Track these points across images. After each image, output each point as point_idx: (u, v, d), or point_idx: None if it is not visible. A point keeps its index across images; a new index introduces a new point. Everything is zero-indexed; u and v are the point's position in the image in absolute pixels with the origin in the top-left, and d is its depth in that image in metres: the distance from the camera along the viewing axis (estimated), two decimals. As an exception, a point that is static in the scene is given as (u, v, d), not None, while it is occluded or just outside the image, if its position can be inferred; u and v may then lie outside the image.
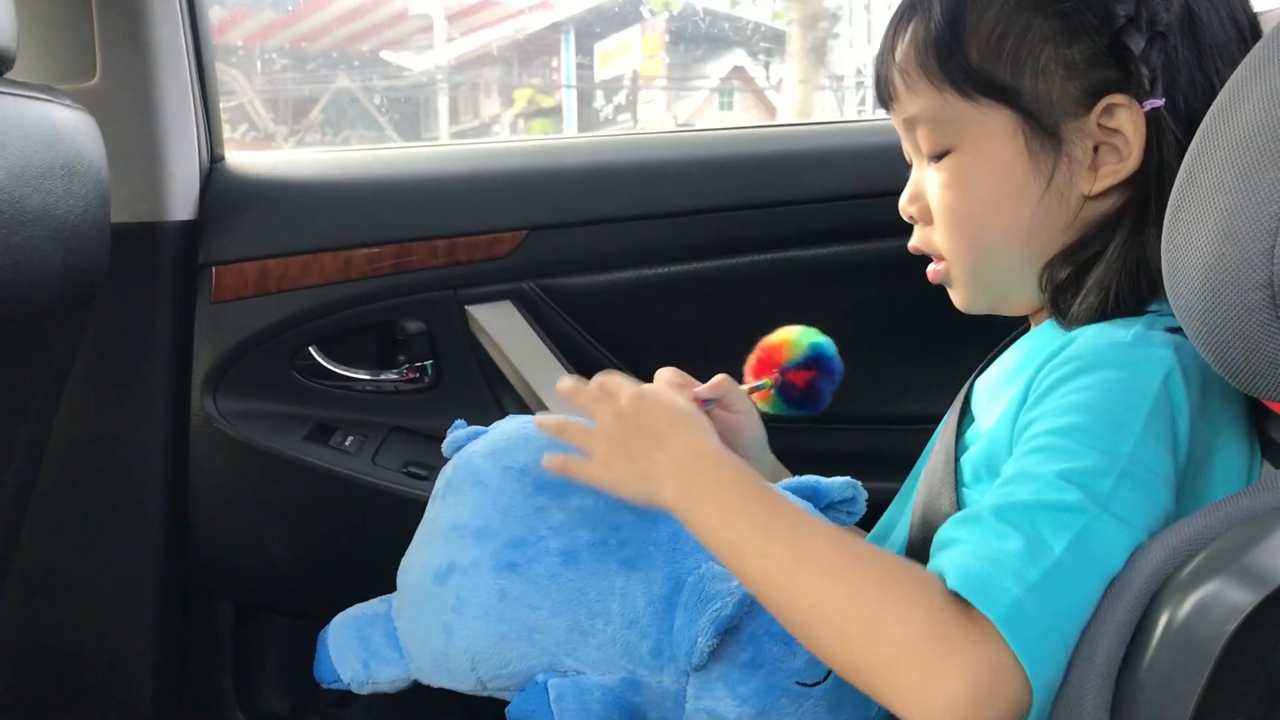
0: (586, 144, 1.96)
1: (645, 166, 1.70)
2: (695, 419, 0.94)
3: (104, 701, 1.65)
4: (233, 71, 3.06)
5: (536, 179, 1.68)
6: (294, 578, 1.68)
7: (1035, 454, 0.79)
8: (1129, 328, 0.85)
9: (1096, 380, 0.80)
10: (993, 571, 0.72)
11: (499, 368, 1.66)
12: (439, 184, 1.68)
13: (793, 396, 1.14)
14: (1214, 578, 0.65)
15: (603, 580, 0.94)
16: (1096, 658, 0.70)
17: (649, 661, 0.93)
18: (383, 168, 1.74)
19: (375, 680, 1.01)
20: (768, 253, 1.64)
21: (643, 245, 1.65)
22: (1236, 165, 0.68)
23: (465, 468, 1.02)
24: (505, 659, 0.96)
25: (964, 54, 0.90)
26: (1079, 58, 0.88)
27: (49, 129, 1.18)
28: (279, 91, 3.25)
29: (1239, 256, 0.67)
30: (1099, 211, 0.90)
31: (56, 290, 1.21)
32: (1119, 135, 0.88)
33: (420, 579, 0.99)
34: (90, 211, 1.25)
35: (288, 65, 3.25)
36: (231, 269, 1.62)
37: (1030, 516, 0.74)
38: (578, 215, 1.65)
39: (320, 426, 1.64)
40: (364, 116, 3.07)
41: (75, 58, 1.52)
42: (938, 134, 0.93)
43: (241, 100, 3.12)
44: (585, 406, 0.97)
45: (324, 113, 3.09)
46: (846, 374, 1.08)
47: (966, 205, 0.93)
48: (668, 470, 0.89)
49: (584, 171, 1.69)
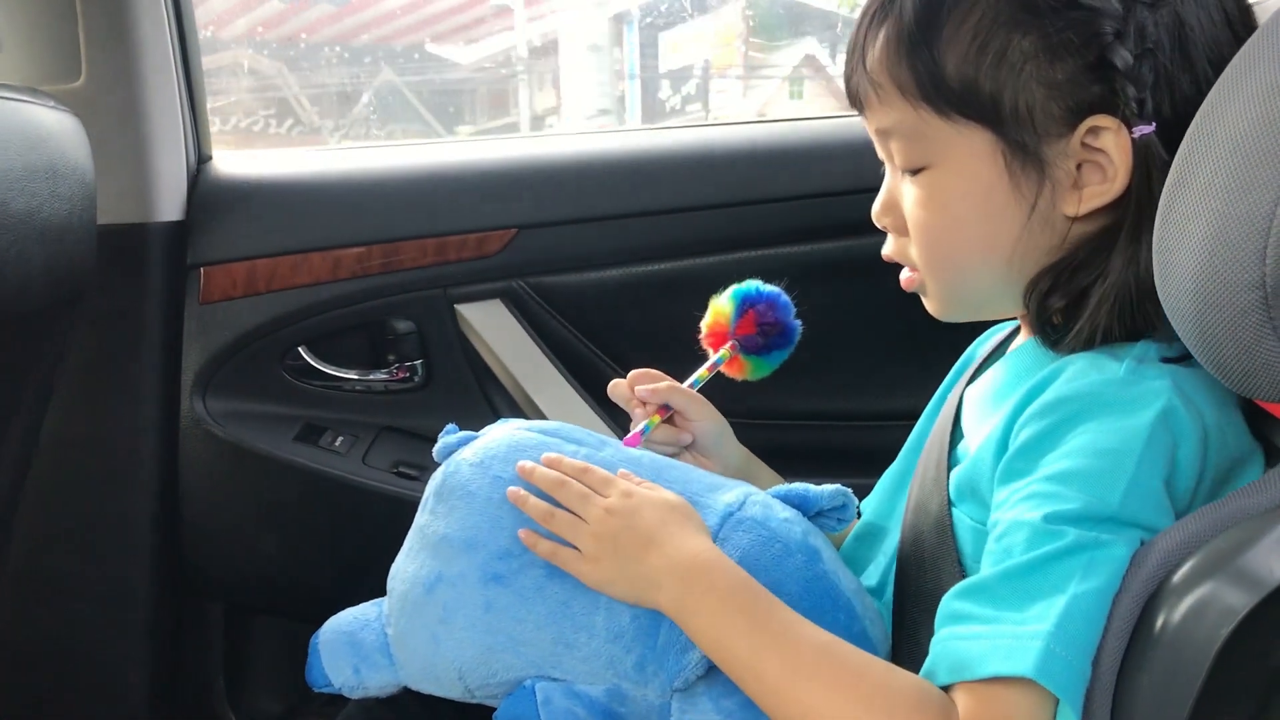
0: (575, 141, 1.95)
1: (634, 164, 1.69)
2: (687, 517, 0.93)
3: (95, 702, 1.65)
4: (278, 64, 3.05)
5: (525, 177, 1.67)
6: (284, 578, 1.67)
7: (1026, 501, 0.78)
8: (1121, 359, 0.82)
9: (1088, 426, 0.78)
10: (1020, 644, 0.73)
11: (489, 366, 1.65)
12: (428, 182, 1.67)
13: (758, 346, 1.15)
14: (1209, 580, 0.65)
15: (588, 594, 0.94)
16: (1099, 661, 0.70)
17: (633, 676, 0.92)
18: (371, 167, 1.73)
19: (366, 686, 1.01)
20: (758, 249, 1.63)
21: (632, 243, 1.65)
22: (1227, 166, 0.68)
23: (454, 477, 1.01)
24: (492, 669, 0.96)
25: (940, 71, 0.85)
26: (1062, 76, 0.82)
27: (33, 132, 1.17)
28: (325, 85, 3.23)
29: (1231, 257, 0.66)
30: (1085, 233, 0.86)
31: (42, 293, 1.20)
32: (1104, 155, 0.83)
33: (409, 589, 0.99)
34: (76, 213, 1.25)
35: (334, 59, 3.23)
36: (220, 269, 1.61)
37: (1033, 575, 0.75)
38: (567, 213, 1.65)
39: (310, 427, 1.64)
40: (410, 110, 3.05)
41: (60, 59, 1.52)
42: (913, 150, 0.89)
43: (286, 94, 3.10)
44: (568, 502, 0.95)
45: (369, 106, 3.08)
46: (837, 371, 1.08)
47: (944, 225, 0.89)
48: (661, 574, 0.89)
49: (573, 169, 1.69)
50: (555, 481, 0.97)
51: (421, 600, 0.98)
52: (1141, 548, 0.74)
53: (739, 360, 1.16)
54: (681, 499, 0.95)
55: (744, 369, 1.17)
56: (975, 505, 0.87)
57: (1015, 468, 0.81)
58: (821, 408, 1.68)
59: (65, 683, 1.65)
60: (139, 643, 1.65)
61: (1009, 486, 0.81)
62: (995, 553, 0.79)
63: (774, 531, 0.94)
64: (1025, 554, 0.76)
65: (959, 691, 0.76)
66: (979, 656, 0.74)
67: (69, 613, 1.63)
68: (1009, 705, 0.73)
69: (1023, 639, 0.73)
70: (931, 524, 0.92)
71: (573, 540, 0.94)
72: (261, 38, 3.24)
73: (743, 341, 1.15)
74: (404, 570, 1.01)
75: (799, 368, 1.64)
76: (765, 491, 0.99)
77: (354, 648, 1.01)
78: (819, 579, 0.93)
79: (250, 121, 3.04)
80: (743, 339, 1.15)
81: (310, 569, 1.67)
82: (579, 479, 0.97)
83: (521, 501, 0.96)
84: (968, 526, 0.88)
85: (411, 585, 0.99)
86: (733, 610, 0.85)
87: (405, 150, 2.02)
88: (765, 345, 1.16)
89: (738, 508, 0.96)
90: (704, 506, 0.96)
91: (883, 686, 0.79)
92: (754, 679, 0.83)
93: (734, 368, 1.16)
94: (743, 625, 0.85)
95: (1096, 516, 0.75)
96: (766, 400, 1.64)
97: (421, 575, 0.99)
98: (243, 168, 1.69)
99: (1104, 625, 0.72)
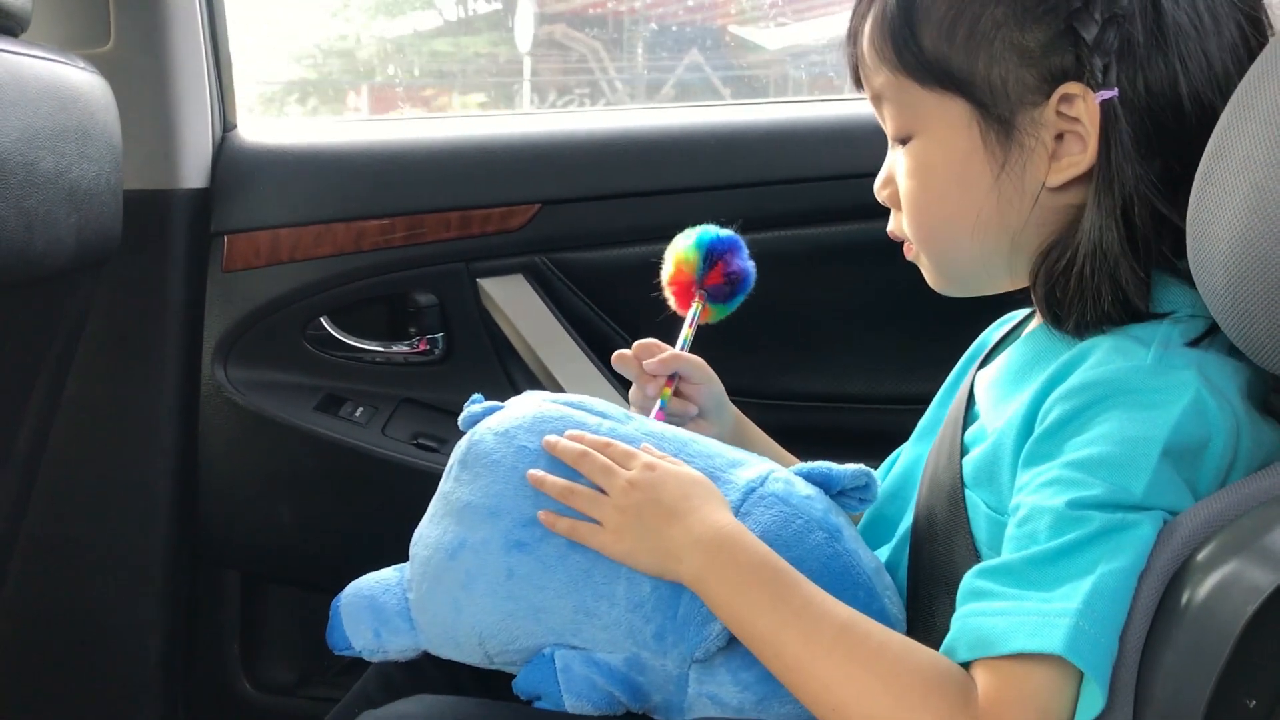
0: (600, 118, 1.95)
1: (659, 141, 1.69)
2: (710, 492, 0.93)
3: (110, 667, 1.66)
4: (594, 44, 3.04)
5: (550, 152, 1.67)
6: (302, 548, 1.68)
7: (1049, 487, 0.78)
8: (1147, 344, 0.81)
9: (1113, 413, 0.78)
10: (1047, 622, 0.73)
11: (509, 341, 1.66)
12: (452, 156, 1.67)
13: (724, 293, 1.17)
14: (1234, 558, 0.65)
15: (609, 563, 0.94)
16: (1123, 639, 0.70)
17: (652, 645, 0.92)
18: (396, 139, 1.73)
19: (386, 649, 1.01)
20: (781, 229, 1.63)
21: (656, 220, 1.64)
22: (1266, 141, 0.67)
23: (479, 445, 1.02)
24: (512, 635, 0.96)
25: (917, 42, 0.87)
26: (1034, 44, 0.84)
27: (63, 91, 1.18)
28: (633, 67, 3.22)
29: (1268, 231, 0.66)
30: (1066, 203, 0.86)
31: (70, 254, 1.20)
32: (1081, 125, 0.83)
33: (432, 554, 0.99)
34: (103, 176, 1.25)
35: (646, 40, 3.22)
36: (243, 238, 1.61)
37: (1060, 559, 0.75)
38: (591, 189, 1.65)
39: (330, 397, 1.64)
40: (714, 94, 3.05)
41: (89, 24, 1.52)
42: (899, 118, 0.91)
43: (598, 76, 3.10)
44: (591, 475, 0.95)
45: (674, 89, 3.08)
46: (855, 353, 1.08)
47: (925, 195, 0.91)
48: (685, 546, 0.89)
49: (597, 145, 1.68)
50: (578, 454, 0.97)
51: (444, 566, 0.98)
52: (1165, 526, 0.73)
53: (706, 309, 1.17)
54: (703, 475, 0.95)
55: (709, 315, 1.18)
56: (991, 491, 0.87)
57: (1040, 451, 0.80)
58: (838, 390, 1.68)
59: (79, 647, 1.66)
60: (154, 609, 1.66)
61: (1032, 470, 0.80)
62: (1018, 538, 0.78)
63: (795, 508, 0.94)
64: (1051, 540, 0.75)
65: (979, 668, 0.76)
66: (1003, 633, 0.74)
67: (85, 578, 1.64)
68: (1031, 683, 0.73)
69: (1050, 617, 0.72)
70: (945, 504, 0.92)
71: (594, 514, 0.94)
72: (582, 14, 3.23)
73: (710, 291, 1.17)
74: (427, 536, 1.01)
75: (816, 349, 1.64)
76: (787, 469, 1.00)
77: (375, 611, 1.01)
78: (839, 556, 0.93)
79: (566, 100, 3.05)
80: (711, 289, 1.17)
81: (327, 539, 1.67)
82: (602, 452, 0.97)
83: (539, 483, 0.97)
84: (982, 513, 0.87)
85: (434, 551, 0.99)
86: (755, 585, 0.86)
87: (431, 123, 2.02)
88: (730, 293, 1.17)
89: (760, 483, 0.96)
90: (726, 482, 0.96)
91: (902, 663, 0.79)
92: (774, 653, 0.83)
93: (702, 316, 1.18)
94: (764, 600, 0.85)
95: (1120, 504, 0.75)
96: (782, 382, 1.64)
97: (445, 541, 0.99)
98: (268, 137, 1.69)
99: (1130, 603, 0.72)
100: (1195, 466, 0.77)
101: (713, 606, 0.88)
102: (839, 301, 1.14)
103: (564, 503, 0.96)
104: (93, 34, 1.52)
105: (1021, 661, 0.73)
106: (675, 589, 0.92)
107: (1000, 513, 0.85)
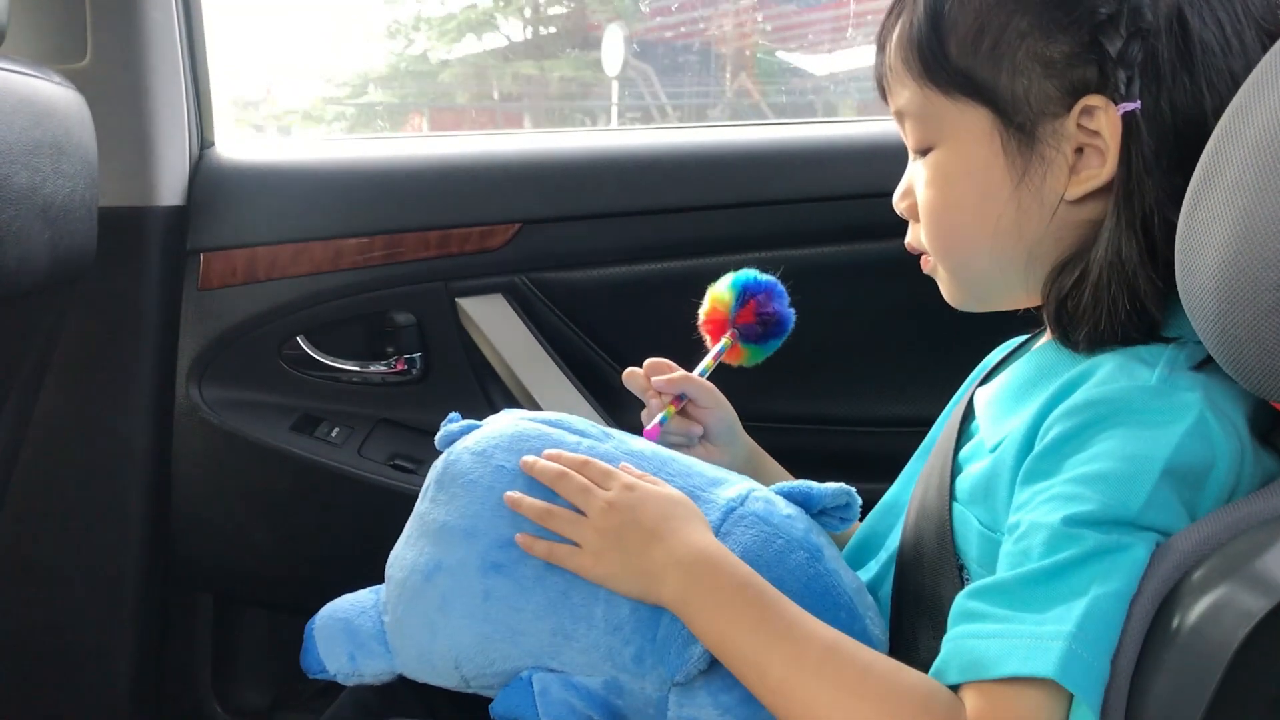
0: (581, 137, 1.94)
1: (640, 161, 1.68)
2: (690, 512, 0.93)
3: (79, 690, 1.64)
4: (645, 67, 3.05)
5: (530, 172, 1.66)
6: (276, 570, 1.66)
7: (1046, 503, 0.77)
8: (1153, 365, 0.81)
9: (1115, 432, 0.77)
10: (1040, 645, 0.72)
11: (488, 361, 1.64)
12: (432, 175, 1.66)
13: (756, 334, 1.18)
14: (1226, 582, 0.65)
15: (587, 585, 0.93)
16: (1114, 662, 0.70)
17: (631, 668, 0.92)
18: (375, 157, 1.72)
19: (361, 673, 1.00)
20: (761, 251, 1.62)
21: (636, 241, 1.64)
22: (1255, 165, 0.67)
23: (455, 465, 1.01)
24: (489, 658, 0.95)
25: (943, 51, 0.87)
26: (1057, 56, 0.84)
27: (38, 106, 1.16)
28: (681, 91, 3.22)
29: (1257, 256, 0.65)
30: (1084, 218, 0.86)
31: (43, 271, 1.19)
32: (1100, 138, 0.83)
33: (407, 576, 0.98)
34: (78, 192, 1.23)
35: (695, 62, 3.23)
36: (220, 256, 1.60)
37: (1053, 580, 0.74)
38: (571, 209, 1.64)
39: (306, 417, 1.63)
40: (760, 118, 3.07)
41: (66, 38, 1.51)
42: (921, 129, 0.91)
43: (648, 101, 3.11)
44: (570, 496, 0.95)
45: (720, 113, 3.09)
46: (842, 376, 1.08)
47: (944, 205, 0.91)
48: (666, 568, 0.88)
49: (578, 165, 1.68)
50: (556, 474, 0.96)
51: (420, 588, 0.97)
52: (1159, 548, 0.73)
53: (738, 348, 1.19)
54: (683, 495, 0.95)
55: (742, 356, 1.20)
56: (986, 508, 0.86)
57: (1039, 468, 0.80)
58: (835, 413, 1.67)
59: (48, 669, 1.63)
60: (125, 631, 1.63)
61: (1032, 487, 0.80)
62: (1013, 554, 0.78)
63: (776, 528, 0.94)
64: (1044, 559, 0.75)
65: (969, 691, 0.75)
66: (995, 656, 0.73)
67: (55, 598, 1.62)
68: (1021, 706, 0.72)
69: (1043, 640, 0.72)
70: (933, 527, 0.91)
71: (573, 536, 0.93)
72: (636, 37, 3.24)
73: (742, 330, 1.18)
74: (403, 557, 1.00)
75: (813, 371, 1.64)
76: (768, 488, 0.99)
77: (350, 635, 1.00)
78: (820, 577, 0.92)
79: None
80: (742, 327, 1.18)
81: (302, 561, 1.65)
82: (580, 472, 0.96)
83: (517, 505, 0.96)
84: (975, 530, 0.87)
85: (410, 572, 0.98)
86: (738, 606, 0.85)
87: (410, 141, 2.01)
88: (763, 334, 1.18)
89: (740, 503, 0.95)
90: (706, 501, 0.95)
91: (888, 684, 0.78)
92: (758, 675, 0.83)
93: (732, 355, 1.19)
94: (747, 621, 0.84)
95: (1116, 520, 0.74)
96: (779, 404, 1.64)
97: (420, 563, 0.98)
98: (246, 154, 1.68)
99: (1122, 625, 0.71)
100: (1197, 490, 0.76)
101: (694, 629, 0.87)
102: (826, 324, 1.14)
103: (542, 525, 0.95)
104: (70, 49, 1.50)
105: (1013, 684, 0.73)
106: (654, 611, 0.91)
107: (994, 530, 0.84)
